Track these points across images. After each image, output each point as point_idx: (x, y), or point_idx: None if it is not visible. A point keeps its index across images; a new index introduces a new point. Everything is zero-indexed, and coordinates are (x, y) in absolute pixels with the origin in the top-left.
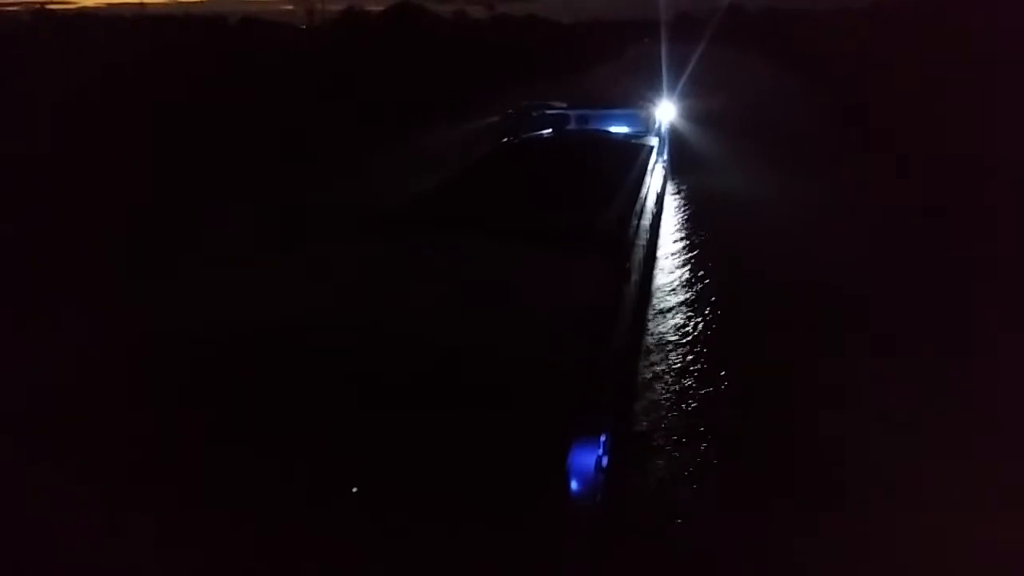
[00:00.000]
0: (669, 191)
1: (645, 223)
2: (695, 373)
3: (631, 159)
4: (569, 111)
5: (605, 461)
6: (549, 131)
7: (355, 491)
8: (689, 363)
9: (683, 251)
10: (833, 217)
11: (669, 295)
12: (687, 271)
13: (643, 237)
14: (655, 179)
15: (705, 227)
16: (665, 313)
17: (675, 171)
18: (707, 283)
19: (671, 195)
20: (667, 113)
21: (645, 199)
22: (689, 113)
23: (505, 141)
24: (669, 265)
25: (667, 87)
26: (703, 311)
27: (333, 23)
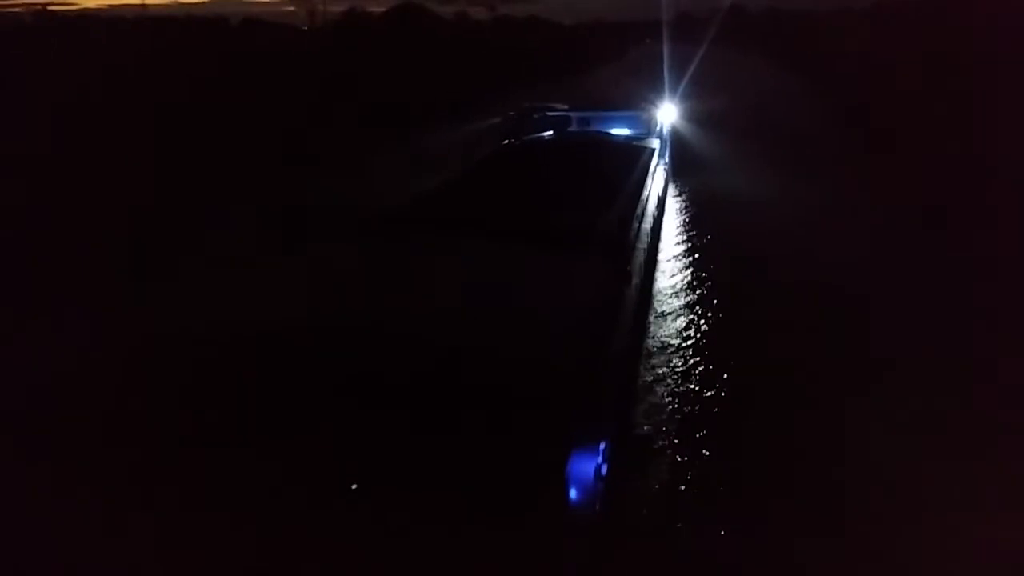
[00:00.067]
0: (671, 192)
1: (646, 225)
2: (696, 375)
3: (632, 161)
4: (570, 113)
5: (604, 469)
6: (550, 133)
7: (354, 488)
8: (691, 366)
9: (685, 253)
10: (834, 217)
11: (671, 297)
12: (689, 273)
13: (644, 239)
14: (656, 181)
15: (707, 228)
16: (667, 315)
17: (677, 172)
18: (709, 285)
19: (673, 196)
20: (668, 115)
21: (646, 201)
22: (690, 114)
23: (506, 143)
24: (671, 267)
25: (668, 88)
26: (705, 313)
27: (334, 24)
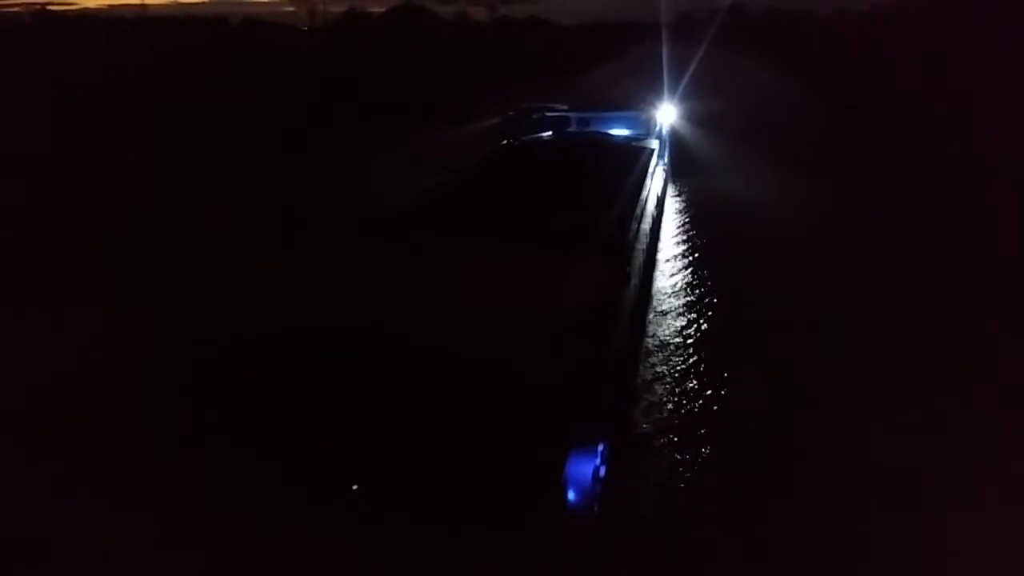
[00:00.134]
0: (670, 193)
1: (645, 226)
2: (695, 375)
3: (632, 161)
4: (570, 113)
5: (603, 471)
6: (549, 133)
7: (355, 488)
8: (690, 365)
9: (684, 253)
10: (834, 218)
11: (670, 297)
12: (688, 273)
13: (643, 240)
14: (656, 181)
15: (706, 229)
16: (666, 315)
17: (676, 173)
18: (708, 285)
19: (672, 197)
20: (668, 115)
21: (645, 202)
22: (690, 115)
23: (505, 143)
24: (670, 267)
25: (668, 89)
26: (704, 313)
27: (334, 25)
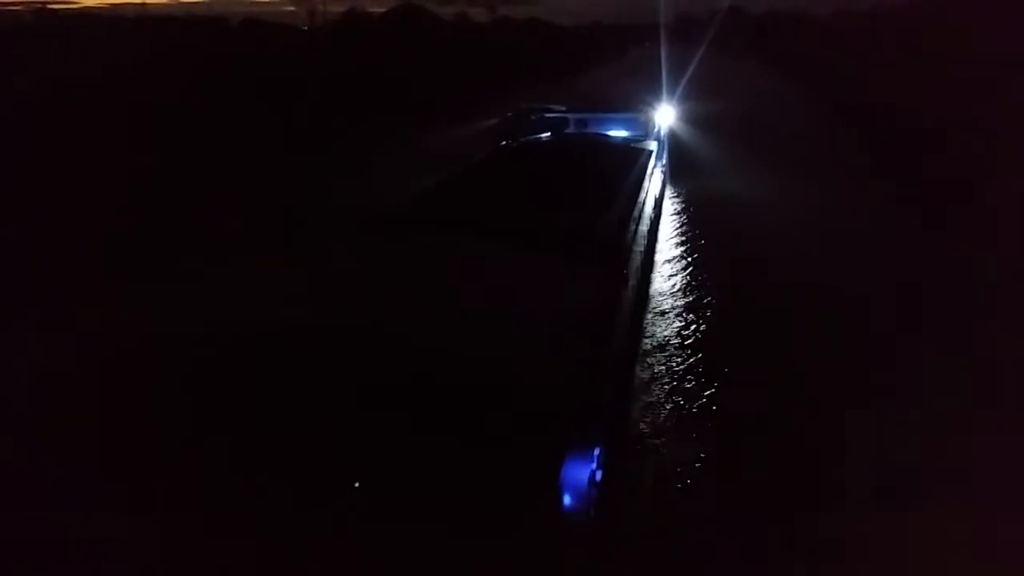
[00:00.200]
0: (669, 194)
1: (643, 227)
2: (694, 375)
3: (630, 163)
4: (568, 114)
5: (599, 475)
6: (548, 134)
7: (355, 488)
8: (689, 365)
9: (683, 254)
10: (833, 218)
11: (669, 297)
12: (687, 274)
13: (641, 241)
14: (654, 183)
15: (705, 230)
16: (665, 315)
17: (675, 174)
18: (707, 285)
19: (671, 198)
20: (667, 116)
21: (644, 203)
22: (689, 116)
23: (504, 144)
24: (669, 268)
25: (667, 90)
26: (703, 313)
27: (334, 25)
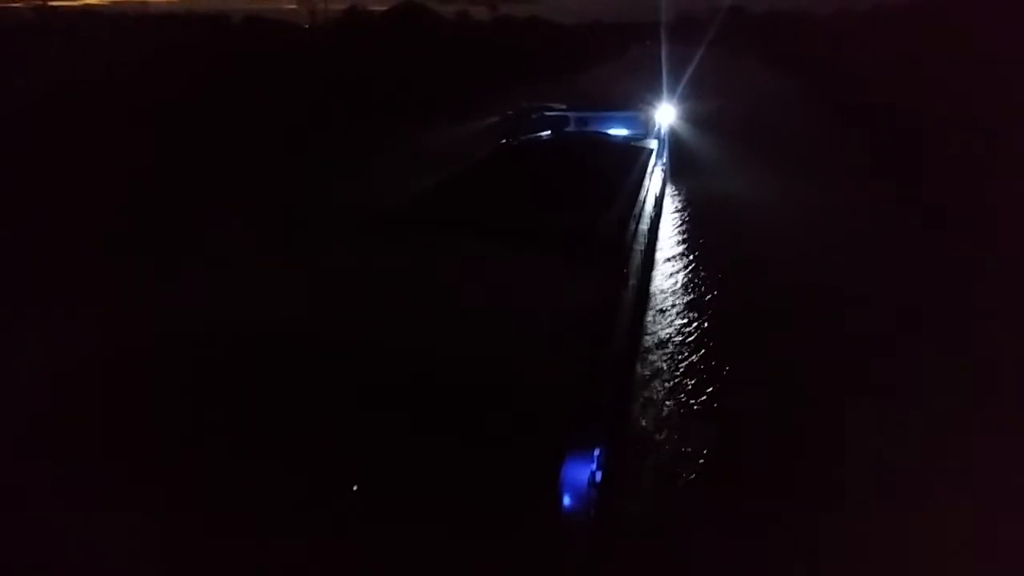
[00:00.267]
0: (669, 193)
1: (644, 227)
2: (694, 373)
3: (630, 162)
4: (568, 113)
5: (599, 476)
6: (548, 133)
7: (354, 489)
8: (689, 363)
9: (684, 253)
10: (833, 218)
11: (670, 296)
12: (688, 273)
13: (642, 240)
14: (654, 182)
15: (706, 229)
16: (665, 313)
17: (675, 173)
18: (708, 285)
19: (671, 197)
20: (667, 115)
21: (644, 202)
22: (689, 115)
23: (504, 143)
24: (670, 267)
25: (667, 89)
26: (704, 312)
27: (336, 23)
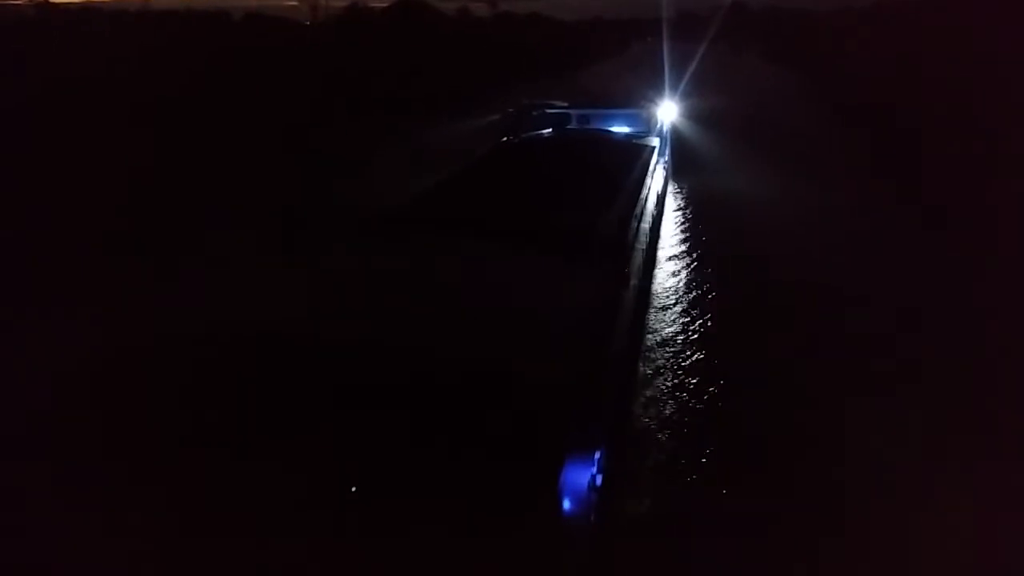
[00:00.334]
0: (671, 190)
1: (645, 225)
2: (696, 372)
3: (632, 160)
4: (570, 110)
5: (599, 479)
6: (549, 130)
7: (354, 490)
8: (691, 362)
9: (685, 251)
10: (834, 217)
11: (671, 294)
12: (689, 271)
13: (643, 238)
14: (656, 179)
15: (707, 227)
16: (667, 311)
17: (677, 171)
18: (709, 283)
19: (673, 194)
20: (669, 113)
21: (646, 200)
22: (691, 113)
23: (505, 140)
24: (671, 265)
25: (669, 86)
26: (705, 311)
27: (336, 19)
